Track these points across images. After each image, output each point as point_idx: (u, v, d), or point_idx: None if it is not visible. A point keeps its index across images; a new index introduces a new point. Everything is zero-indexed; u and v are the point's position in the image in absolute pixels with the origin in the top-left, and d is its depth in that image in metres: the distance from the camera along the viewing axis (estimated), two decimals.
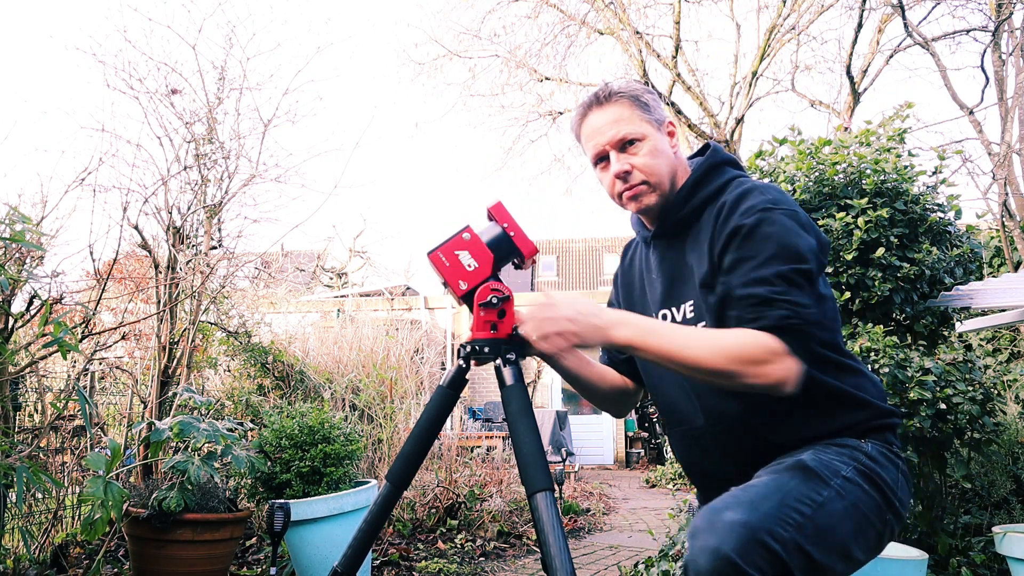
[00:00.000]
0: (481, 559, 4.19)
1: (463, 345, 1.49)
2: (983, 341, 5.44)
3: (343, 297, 13.38)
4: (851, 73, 10.16)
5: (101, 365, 4.13)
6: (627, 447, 13.30)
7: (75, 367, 3.77)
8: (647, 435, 13.59)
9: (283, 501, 3.02)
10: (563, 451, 9.14)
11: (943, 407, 2.85)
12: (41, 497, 3.41)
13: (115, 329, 3.64)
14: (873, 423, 1.41)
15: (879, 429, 1.41)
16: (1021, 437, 3.57)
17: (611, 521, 5.99)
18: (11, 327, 3.00)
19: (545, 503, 1.29)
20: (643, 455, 13.31)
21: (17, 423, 3.33)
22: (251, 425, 4.03)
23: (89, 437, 3.76)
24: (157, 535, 3.01)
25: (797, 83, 12.81)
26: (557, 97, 12.04)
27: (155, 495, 2.99)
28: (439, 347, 9.63)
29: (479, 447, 6.72)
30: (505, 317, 1.47)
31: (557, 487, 5.53)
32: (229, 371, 5.33)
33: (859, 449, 1.37)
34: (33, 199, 3.43)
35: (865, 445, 1.38)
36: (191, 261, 3.91)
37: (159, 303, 3.81)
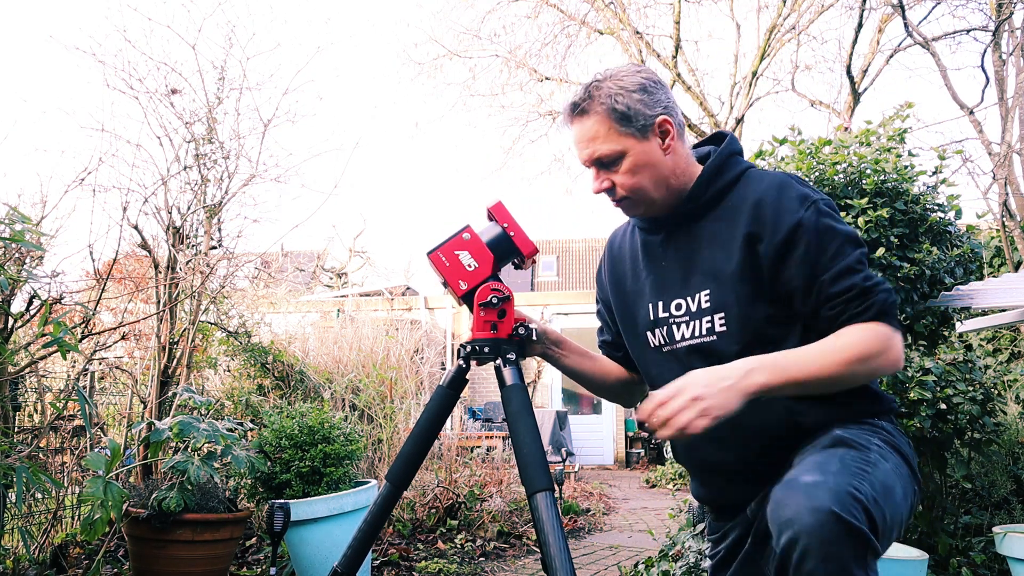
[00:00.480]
0: (481, 559, 4.19)
1: (463, 345, 1.49)
2: (983, 341, 5.44)
3: (343, 297, 13.37)
4: (851, 73, 10.16)
5: (101, 365, 4.13)
6: (627, 447, 13.30)
7: (75, 367, 3.77)
8: (647, 435, 13.58)
9: (283, 501, 3.02)
10: (563, 451, 9.14)
11: (943, 407, 2.85)
12: (41, 497, 3.41)
13: (115, 329, 3.64)
14: (882, 409, 1.46)
15: (887, 413, 1.46)
16: (1021, 437, 3.57)
17: (611, 521, 5.98)
18: (11, 327, 2.99)
19: (545, 503, 1.29)
20: (643, 455, 13.30)
21: (17, 423, 3.33)
22: (251, 425, 4.03)
23: (89, 437, 3.76)
24: (157, 535, 3.00)
25: (797, 83, 12.82)
26: (557, 97, 12.06)
27: (155, 495, 2.99)
28: (439, 347, 9.63)
29: (479, 447, 6.72)
30: (505, 317, 1.47)
31: (557, 487, 5.53)
32: (229, 371, 5.33)
33: (877, 425, 1.40)
34: (33, 199, 3.43)
35: (881, 422, 1.42)
36: (191, 261, 3.91)
37: (159, 303, 3.81)
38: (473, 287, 1.47)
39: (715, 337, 1.45)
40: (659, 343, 1.55)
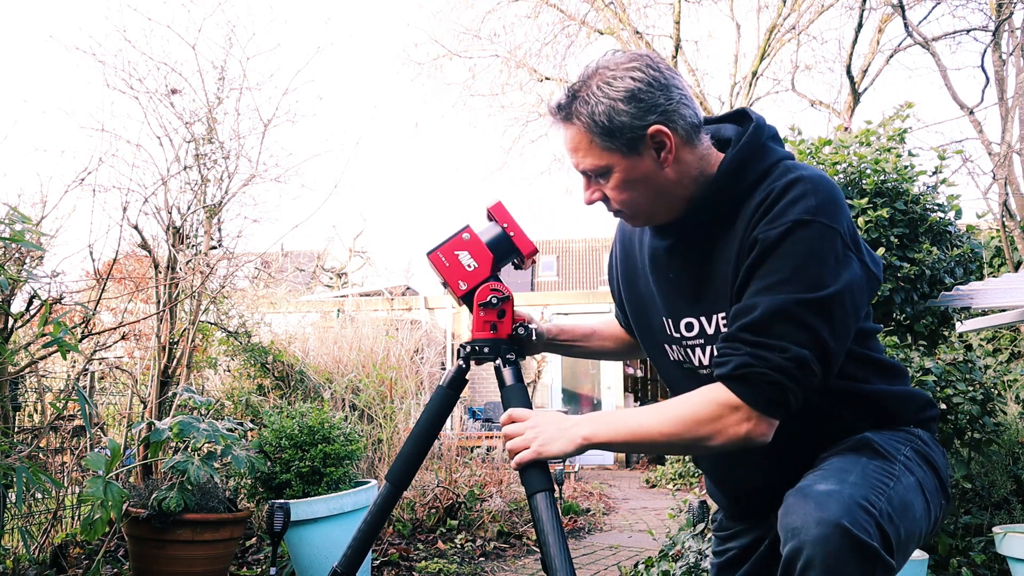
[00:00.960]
0: (481, 559, 4.19)
1: (463, 345, 1.49)
2: (983, 341, 5.44)
3: (343, 297, 13.36)
4: (851, 73, 10.17)
5: (101, 365, 4.13)
6: None
7: (75, 367, 3.77)
8: None
9: (283, 501, 3.02)
10: None
11: (943, 407, 2.86)
12: (41, 497, 3.41)
13: (115, 329, 3.64)
14: (921, 415, 1.38)
15: (925, 421, 1.38)
16: (1021, 437, 3.57)
17: (611, 521, 5.98)
18: (11, 327, 2.99)
19: (545, 503, 1.29)
20: (643, 455, 13.30)
21: (17, 423, 3.33)
22: (251, 425, 4.03)
23: (89, 437, 3.76)
24: (157, 535, 3.00)
25: (797, 83, 12.84)
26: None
27: (155, 495, 2.99)
28: (439, 347, 9.62)
29: (479, 447, 6.71)
30: (505, 317, 1.47)
31: (557, 487, 5.53)
32: (229, 371, 5.33)
33: (912, 433, 1.34)
34: (33, 199, 3.43)
35: (917, 430, 1.35)
36: (191, 261, 3.90)
37: (159, 303, 3.81)
38: (473, 287, 1.47)
39: None
40: (679, 360, 1.43)
